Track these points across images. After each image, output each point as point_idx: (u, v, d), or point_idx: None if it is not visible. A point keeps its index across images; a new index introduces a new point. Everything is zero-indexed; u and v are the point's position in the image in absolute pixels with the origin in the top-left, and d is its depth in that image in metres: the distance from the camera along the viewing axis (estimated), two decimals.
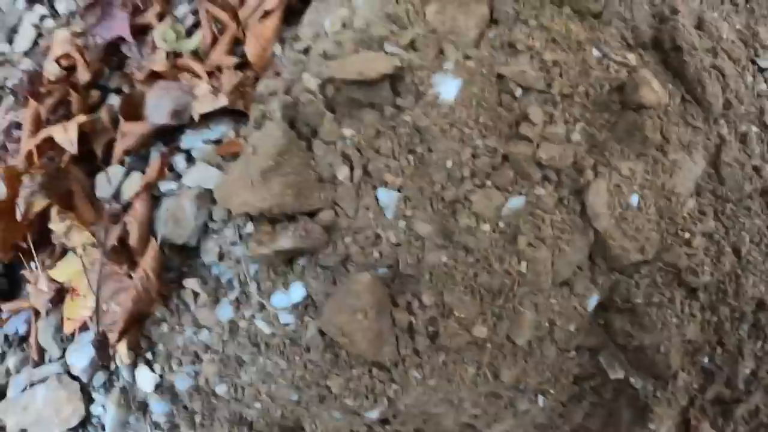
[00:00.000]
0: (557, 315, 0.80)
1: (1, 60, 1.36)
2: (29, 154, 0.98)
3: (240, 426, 0.89)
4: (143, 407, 0.95)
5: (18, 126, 1.15)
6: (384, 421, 0.87)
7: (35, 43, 1.32)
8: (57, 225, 0.86)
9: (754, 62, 0.87)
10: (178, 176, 0.95)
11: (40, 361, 1.04)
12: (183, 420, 0.91)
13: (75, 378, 0.99)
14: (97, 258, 0.89)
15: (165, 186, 0.92)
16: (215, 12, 1.05)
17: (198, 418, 0.91)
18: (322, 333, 0.83)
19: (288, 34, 1.01)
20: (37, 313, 1.02)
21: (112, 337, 0.89)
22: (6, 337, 1.12)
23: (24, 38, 1.28)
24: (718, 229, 0.80)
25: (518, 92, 0.82)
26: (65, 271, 0.93)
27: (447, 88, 0.83)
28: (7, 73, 1.33)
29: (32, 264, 1.02)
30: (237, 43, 1.03)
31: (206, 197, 0.90)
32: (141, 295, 0.84)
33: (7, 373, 1.09)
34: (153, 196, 0.93)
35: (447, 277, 0.78)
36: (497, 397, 0.85)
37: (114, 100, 1.09)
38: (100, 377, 0.97)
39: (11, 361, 1.06)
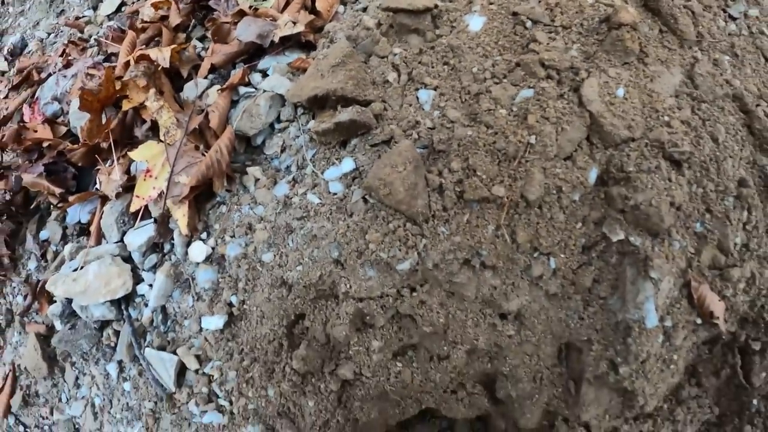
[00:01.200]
0: (563, 182, 1.08)
1: (86, 21, 1.89)
2: (126, 64, 1.40)
3: (279, 289, 1.13)
4: (189, 281, 1.20)
5: (106, 59, 1.60)
6: (412, 289, 1.12)
7: (119, 9, 1.85)
8: (152, 103, 1.24)
9: (725, 11, 1.26)
10: (254, 89, 1.34)
11: (97, 245, 1.33)
12: (227, 285, 1.17)
13: (128, 261, 1.28)
14: (176, 140, 1.25)
15: (243, 90, 1.31)
16: None
17: (241, 284, 1.16)
18: (365, 200, 1.13)
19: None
20: (103, 202, 1.34)
21: (178, 200, 1.19)
22: (64, 231, 1.43)
23: (110, 4, 1.81)
24: (695, 120, 1.11)
25: (528, 24, 1.21)
26: (144, 152, 1.27)
27: (474, 22, 1.23)
28: (92, 30, 1.84)
29: (107, 163, 1.38)
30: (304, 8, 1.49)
31: (278, 101, 1.27)
32: (213, 164, 1.17)
33: (60, 264, 1.38)
34: (231, 100, 1.32)
35: (472, 145, 1.09)
36: (513, 262, 1.10)
37: (197, 44, 1.54)
38: (152, 259, 1.24)
39: (67, 249, 1.35)
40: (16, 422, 1.41)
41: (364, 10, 1.37)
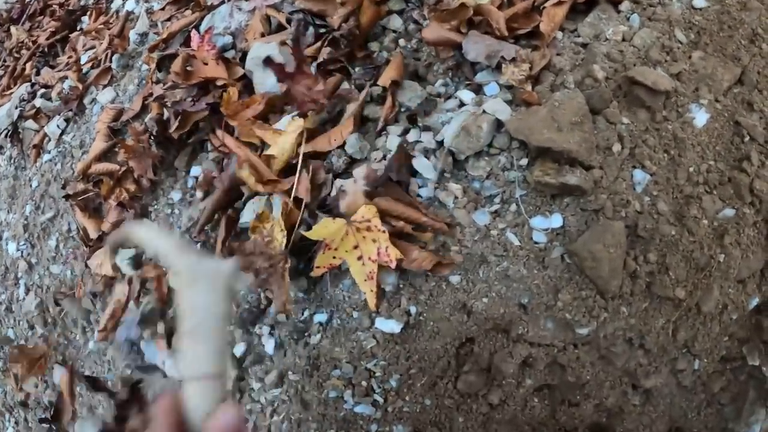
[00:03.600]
0: (730, 302, 1.49)
1: None
2: None
3: (460, 312, 1.46)
4: None
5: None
6: (575, 345, 1.50)
7: None
8: None
9: None
10: (462, 103, 1.58)
11: None
12: (408, 295, 1.46)
13: None
14: None
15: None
16: None
17: (423, 297, 1.46)
18: (562, 258, 1.46)
19: (567, 26, 1.70)
20: None
21: None
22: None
23: None
24: None
25: (746, 139, 1.55)
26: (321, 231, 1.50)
27: (699, 117, 1.54)
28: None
29: None
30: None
31: (495, 125, 1.53)
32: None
33: None
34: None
35: (672, 245, 1.45)
36: (665, 352, 1.51)
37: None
38: None
39: None
40: None
41: (584, 46, 1.60)
